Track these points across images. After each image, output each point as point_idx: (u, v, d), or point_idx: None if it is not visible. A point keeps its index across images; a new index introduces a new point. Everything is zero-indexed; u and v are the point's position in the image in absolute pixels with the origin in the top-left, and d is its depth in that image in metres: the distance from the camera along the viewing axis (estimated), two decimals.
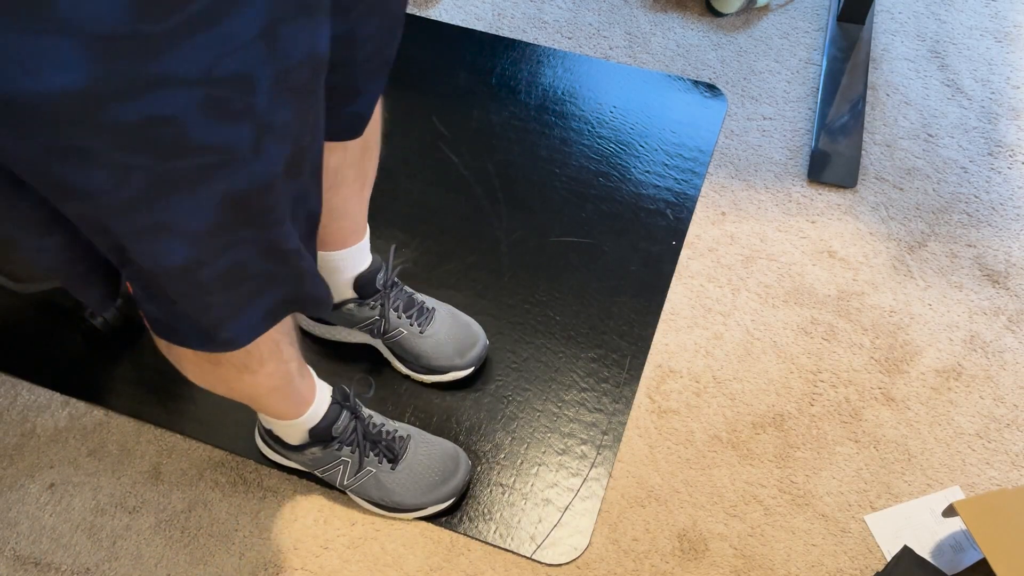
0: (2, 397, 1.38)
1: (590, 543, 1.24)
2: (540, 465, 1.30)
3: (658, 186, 1.58)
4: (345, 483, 1.22)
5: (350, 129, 0.97)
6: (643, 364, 1.39)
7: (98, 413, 1.36)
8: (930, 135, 1.64)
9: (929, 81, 1.71)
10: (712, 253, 1.50)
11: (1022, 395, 1.36)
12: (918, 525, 1.25)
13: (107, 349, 1.41)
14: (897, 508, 1.27)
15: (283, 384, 1.03)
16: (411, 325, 1.32)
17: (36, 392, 1.38)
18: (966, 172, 1.59)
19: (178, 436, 1.33)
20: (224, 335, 0.82)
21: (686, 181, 1.58)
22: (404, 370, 1.36)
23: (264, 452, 1.28)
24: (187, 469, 1.31)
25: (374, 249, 1.28)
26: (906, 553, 1.16)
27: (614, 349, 1.40)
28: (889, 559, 1.21)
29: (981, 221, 1.54)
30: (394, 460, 1.22)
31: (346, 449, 1.19)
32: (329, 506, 1.27)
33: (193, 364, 0.92)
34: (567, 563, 1.23)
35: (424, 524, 1.26)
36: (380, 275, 1.27)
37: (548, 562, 1.23)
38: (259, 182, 0.67)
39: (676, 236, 1.52)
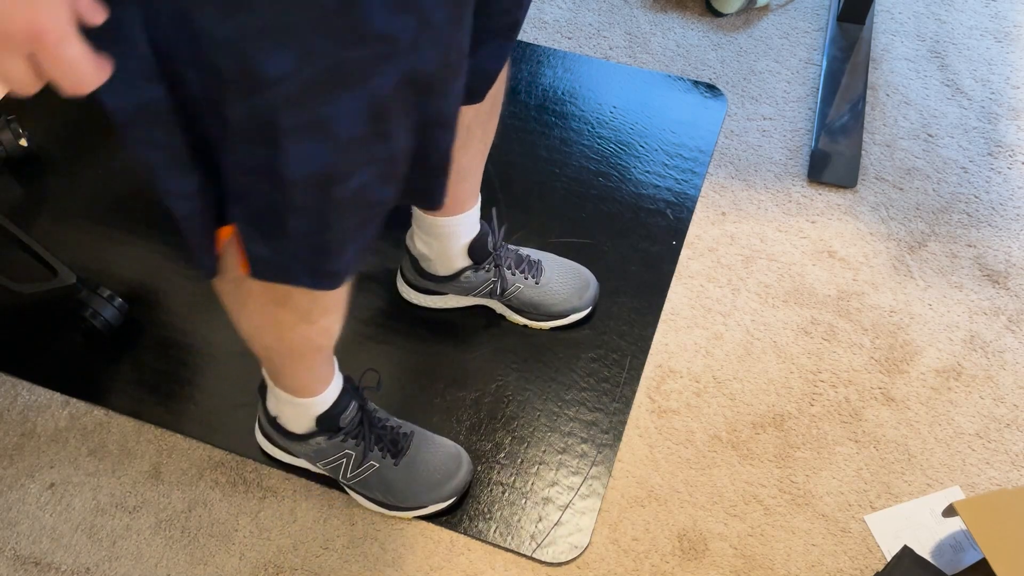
0: (2, 397, 1.38)
1: (590, 542, 1.24)
2: (540, 464, 1.30)
3: (658, 186, 1.58)
4: (348, 477, 1.22)
5: (480, 88, 0.98)
6: (643, 364, 1.39)
7: (98, 413, 1.36)
8: (930, 135, 1.64)
9: (929, 81, 1.71)
10: (712, 253, 1.50)
11: (1022, 395, 1.36)
12: (918, 525, 1.25)
13: (107, 349, 1.41)
14: (897, 508, 1.27)
15: (325, 345, 1.04)
16: (526, 279, 1.36)
17: (36, 392, 1.38)
18: (966, 172, 1.59)
19: (178, 436, 1.33)
20: (331, 267, 0.82)
21: (686, 181, 1.58)
22: (522, 320, 1.40)
23: (264, 448, 1.28)
24: (187, 469, 1.31)
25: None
26: (906, 553, 1.17)
27: (614, 349, 1.40)
28: (889, 559, 1.21)
29: (981, 221, 1.54)
30: (397, 455, 1.22)
31: (351, 441, 1.19)
32: (329, 506, 1.27)
33: (259, 305, 0.93)
34: (567, 562, 1.23)
35: (424, 524, 1.26)
36: (489, 239, 1.31)
37: (548, 561, 1.23)
38: (414, 75, 0.70)
39: (676, 236, 1.52)
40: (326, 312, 0.97)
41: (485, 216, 1.31)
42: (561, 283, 1.39)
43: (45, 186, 1.59)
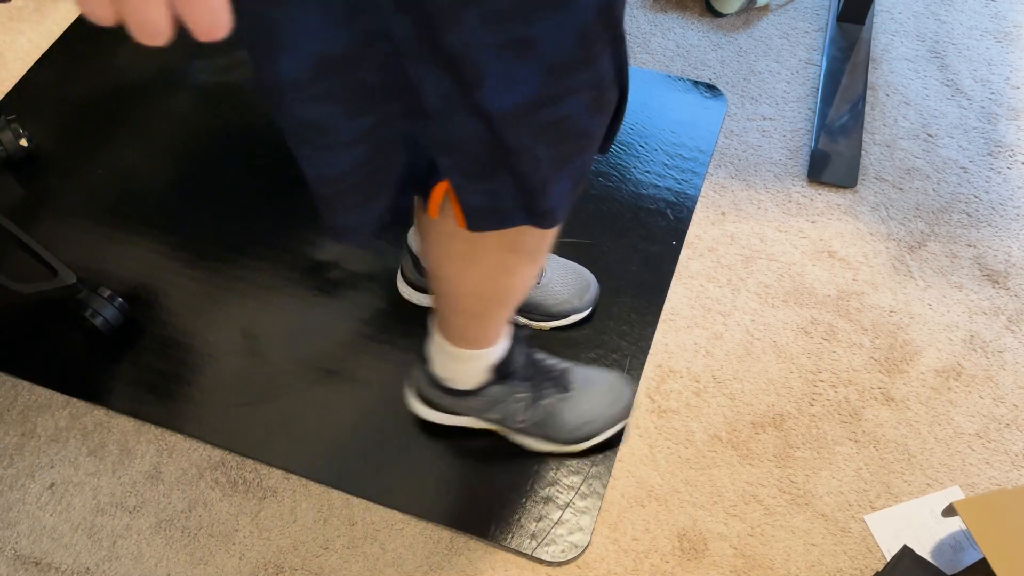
0: (2, 397, 1.38)
1: (590, 542, 1.24)
2: (540, 463, 1.30)
3: (658, 186, 1.58)
4: (519, 420, 1.22)
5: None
6: (643, 364, 1.39)
7: (98, 413, 1.36)
8: (930, 135, 1.64)
9: (929, 81, 1.71)
10: (712, 253, 1.50)
11: (1022, 395, 1.36)
12: (918, 525, 1.25)
13: (107, 349, 1.41)
14: (897, 508, 1.27)
15: (533, 284, 1.05)
16: None
17: (36, 392, 1.38)
18: (966, 172, 1.59)
19: (178, 436, 1.33)
20: (546, 204, 0.82)
21: (686, 181, 1.58)
22: (522, 320, 1.40)
23: (424, 415, 1.29)
24: (187, 469, 1.31)
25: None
26: (906, 553, 1.17)
27: (614, 349, 1.40)
28: (889, 559, 1.21)
29: (981, 221, 1.54)
30: (566, 389, 1.23)
31: (523, 384, 1.20)
32: (329, 506, 1.27)
33: (493, 255, 0.93)
34: (567, 562, 1.23)
35: (424, 524, 1.26)
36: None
37: (548, 560, 1.23)
38: (609, 7, 0.69)
39: (676, 236, 1.52)
40: (545, 249, 0.99)
41: None
42: (562, 284, 1.39)
43: (45, 186, 1.59)
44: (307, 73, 0.68)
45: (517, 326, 1.21)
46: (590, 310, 1.42)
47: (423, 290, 1.40)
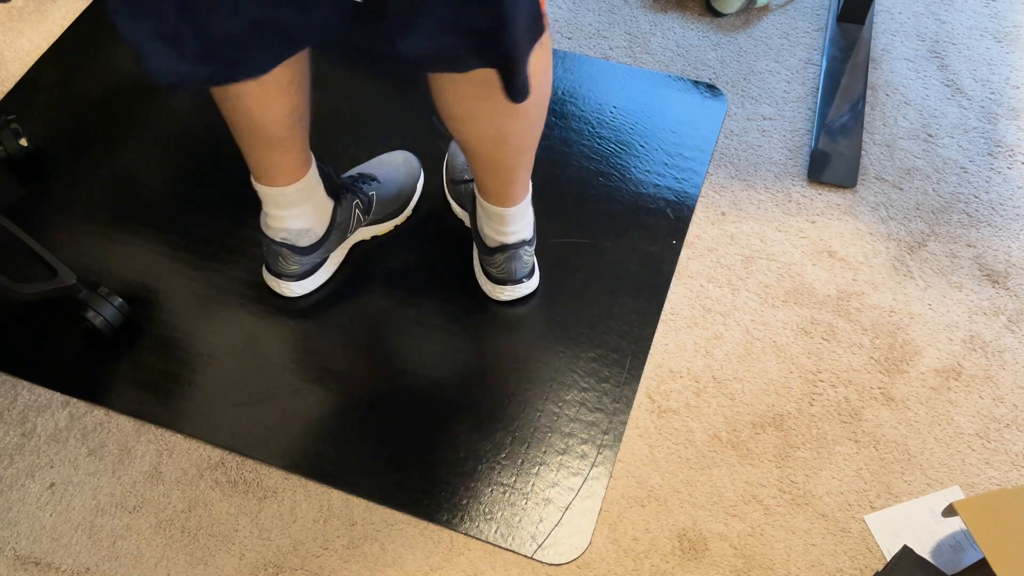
0: (2, 397, 1.38)
1: (590, 543, 1.24)
2: (541, 465, 1.30)
3: (658, 186, 1.58)
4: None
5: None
6: (643, 364, 1.39)
7: (98, 413, 1.36)
8: (930, 135, 1.64)
9: (929, 81, 1.71)
10: (712, 253, 1.50)
11: (1022, 395, 1.36)
12: (918, 525, 1.25)
13: (107, 349, 1.41)
14: (897, 508, 1.27)
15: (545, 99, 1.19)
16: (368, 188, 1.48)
17: (36, 392, 1.38)
18: (966, 172, 1.60)
19: (178, 436, 1.33)
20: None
21: (686, 181, 1.58)
22: (372, 232, 1.51)
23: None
24: (187, 469, 1.31)
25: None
26: (906, 553, 1.17)
27: (614, 349, 1.40)
28: (889, 559, 1.22)
29: (981, 221, 1.54)
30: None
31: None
32: (329, 506, 1.27)
33: (539, 67, 1.03)
34: (567, 563, 1.23)
35: (424, 524, 1.26)
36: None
37: (548, 562, 1.23)
38: None
39: (676, 236, 1.52)
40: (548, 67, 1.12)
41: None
42: (395, 179, 1.50)
43: (45, 186, 1.59)
44: None
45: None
46: (420, 189, 1.54)
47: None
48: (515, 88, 0.97)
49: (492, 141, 1.17)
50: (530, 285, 1.43)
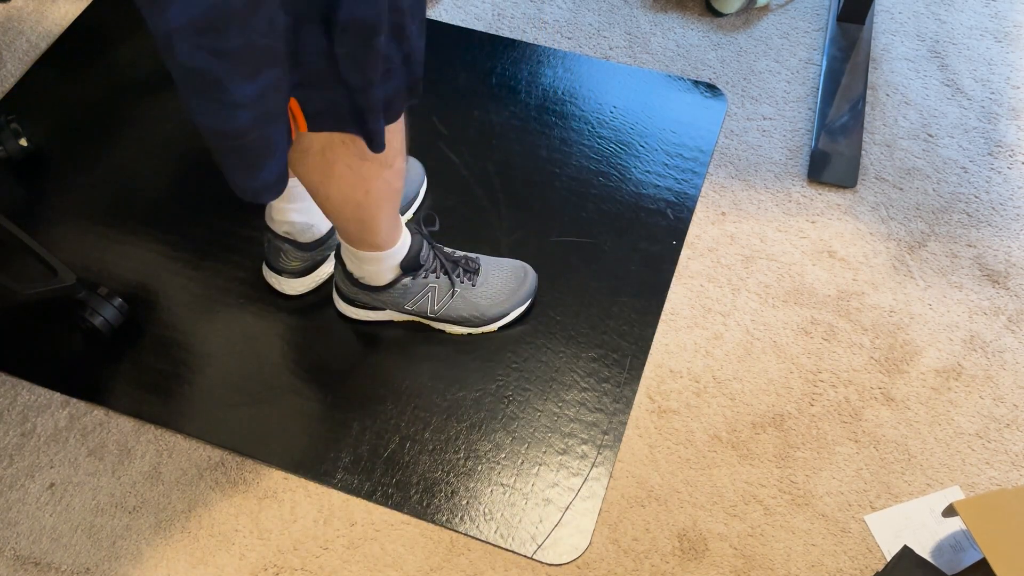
0: (2, 397, 1.38)
1: (590, 543, 1.24)
2: (541, 465, 1.30)
3: (658, 186, 1.58)
4: (436, 309, 1.35)
5: None
6: (643, 364, 1.39)
7: (98, 413, 1.36)
8: (930, 135, 1.64)
9: (929, 81, 1.71)
10: (712, 253, 1.50)
11: (1022, 395, 1.36)
12: (918, 525, 1.25)
13: (107, 349, 1.41)
14: (897, 508, 1.27)
15: (400, 187, 1.17)
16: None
17: (36, 392, 1.38)
18: (966, 172, 1.59)
19: (178, 436, 1.33)
20: (394, 111, 0.97)
21: (686, 181, 1.58)
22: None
23: (348, 314, 1.40)
24: (187, 469, 1.31)
25: None
26: (906, 553, 1.17)
27: (614, 349, 1.40)
28: (889, 559, 1.21)
29: (981, 221, 1.54)
30: (474, 276, 1.36)
31: (431, 276, 1.32)
32: (329, 506, 1.27)
33: (346, 163, 1.04)
34: (567, 563, 1.23)
35: (424, 524, 1.26)
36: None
37: (548, 562, 1.23)
38: None
39: (676, 236, 1.52)
40: (396, 155, 1.10)
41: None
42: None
43: (45, 186, 1.59)
44: (198, 22, 0.74)
45: (417, 226, 1.30)
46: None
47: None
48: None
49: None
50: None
